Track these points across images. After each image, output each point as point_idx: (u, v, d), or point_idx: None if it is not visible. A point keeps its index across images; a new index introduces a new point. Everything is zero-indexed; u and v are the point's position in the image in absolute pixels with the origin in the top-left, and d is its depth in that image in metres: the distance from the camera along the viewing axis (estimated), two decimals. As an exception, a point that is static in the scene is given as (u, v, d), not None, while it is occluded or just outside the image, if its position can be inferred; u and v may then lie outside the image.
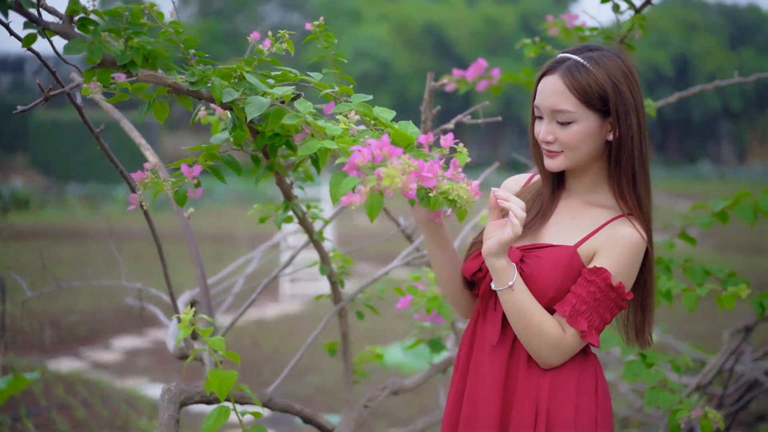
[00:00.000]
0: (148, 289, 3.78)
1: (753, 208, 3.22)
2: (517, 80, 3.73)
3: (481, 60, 3.69)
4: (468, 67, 3.80)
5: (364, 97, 2.20)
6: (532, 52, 3.53)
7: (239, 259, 4.35)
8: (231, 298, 3.90)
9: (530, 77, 3.72)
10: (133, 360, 8.43)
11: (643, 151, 2.29)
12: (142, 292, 4.03)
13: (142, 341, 9.09)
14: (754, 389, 5.09)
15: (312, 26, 2.45)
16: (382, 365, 3.24)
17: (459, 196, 1.95)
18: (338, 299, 3.00)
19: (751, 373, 5.07)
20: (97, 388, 7.17)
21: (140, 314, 3.98)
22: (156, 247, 2.81)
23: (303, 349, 3.13)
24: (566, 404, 2.25)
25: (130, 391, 7.18)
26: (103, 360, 8.39)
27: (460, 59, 39.11)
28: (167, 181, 2.20)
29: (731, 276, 3.25)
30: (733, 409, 4.77)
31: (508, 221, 2.16)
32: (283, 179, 2.63)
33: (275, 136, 2.30)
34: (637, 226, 2.28)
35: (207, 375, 2.70)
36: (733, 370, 4.98)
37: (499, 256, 2.20)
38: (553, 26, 3.57)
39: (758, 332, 6.56)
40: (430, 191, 1.94)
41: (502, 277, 2.21)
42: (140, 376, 7.84)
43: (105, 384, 7.36)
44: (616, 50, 2.30)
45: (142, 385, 7.47)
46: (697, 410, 2.74)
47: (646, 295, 2.39)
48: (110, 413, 6.43)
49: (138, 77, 2.01)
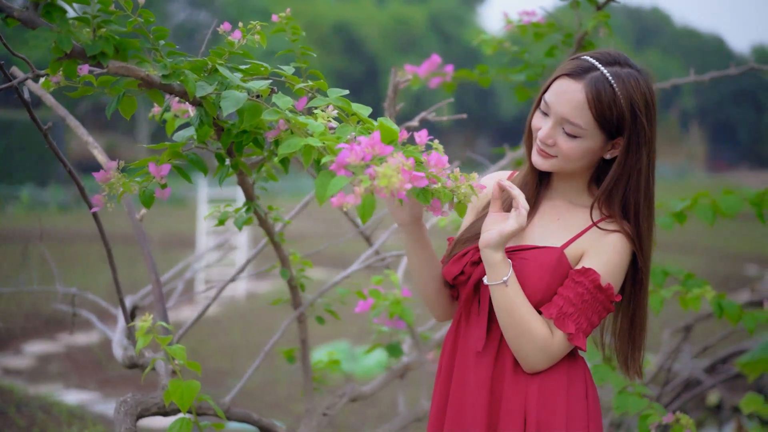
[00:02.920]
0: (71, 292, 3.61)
1: (711, 209, 3.20)
2: (471, 77, 3.65)
3: (434, 56, 3.60)
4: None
5: (340, 92, 2.07)
6: (490, 48, 3.45)
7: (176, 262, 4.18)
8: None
9: (484, 74, 3.65)
10: (46, 365, 8.16)
11: (649, 187, 2.23)
12: (59, 296, 3.84)
13: (54, 346, 8.80)
14: (692, 388, 5.14)
15: (279, 17, 2.33)
16: (342, 372, 3.12)
17: (464, 190, 1.87)
18: (298, 304, 2.88)
19: (689, 372, 5.11)
20: (9, 395, 6.90)
21: (72, 320, 3.78)
22: (105, 250, 2.65)
23: (260, 357, 2.99)
24: (557, 413, 2.18)
25: (44, 397, 6.91)
26: (15, 366, 8.09)
27: (371, 58, 39.21)
28: (134, 181, 2.05)
29: (689, 277, 3.23)
30: (672, 409, 4.78)
31: (512, 213, 2.10)
32: (246, 179, 2.50)
33: (242, 133, 2.17)
34: (625, 227, 2.21)
35: (164, 385, 2.59)
36: (671, 369, 5.02)
37: (497, 249, 2.12)
38: (508, 23, 3.50)
39: (696, 331, 6.62)
40: (428, 186, 1.85)
41: (497, 271, 2.13)
42: (54, 382, 7.58)
43: (18, 390, 7.08)
44: (644, 72, 2.19)
45: (57, 391, 7.21)
46: (668, 416, 2.70)
47: (638, 320, 2.33)
48: (27, 421, 6.17)
49: (109, 69, 1.86)
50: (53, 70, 1.85)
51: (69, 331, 8.92)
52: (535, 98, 2.29)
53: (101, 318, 4.50)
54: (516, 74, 3.59)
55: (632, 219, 2.22)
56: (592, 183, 2.31)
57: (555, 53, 3.51)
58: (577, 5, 3.33)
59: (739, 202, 3.17)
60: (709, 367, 5.23)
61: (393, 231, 3.29)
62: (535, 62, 3.63)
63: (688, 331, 4.84)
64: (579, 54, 2.22)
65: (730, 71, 3.57)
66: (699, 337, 7.19)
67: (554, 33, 3.43)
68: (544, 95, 2.20)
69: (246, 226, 2.63)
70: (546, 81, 2.24)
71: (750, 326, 3.18)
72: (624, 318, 2.34)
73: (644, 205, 2.22)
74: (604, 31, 3.23)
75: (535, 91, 3.70)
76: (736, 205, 3.16)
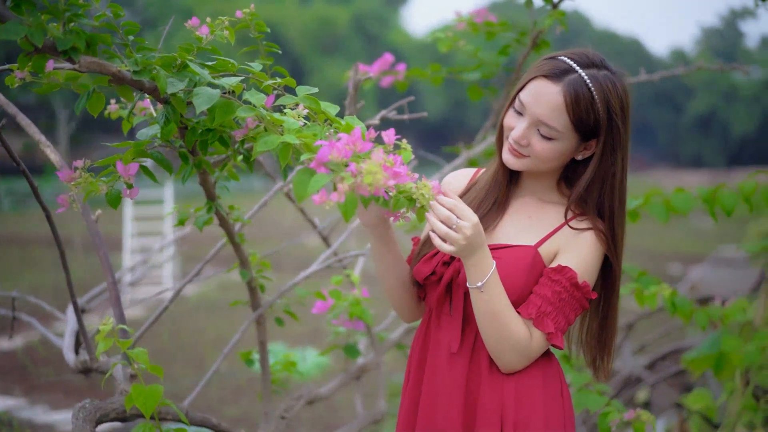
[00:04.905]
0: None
1: (665, 207, 3.23)
2: (424, 76, 3.64)
3: (387, 55, 3.57)
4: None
5: (308, 90, 2.03)
6: (445, 46, 3.44)
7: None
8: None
9: (437, 73, 3.64)
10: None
11: (623, 191, 2.23)
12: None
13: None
14: (632, 384, 5.20)
15: (243, 13, 2.29)
16: (298, 374, 3.08)
17: (422, 195, 1.83)
18: (257, 305, 2.83)
19: (629, 369, 5.17)
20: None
21: (11, 324, 3.67)
22: (59, 252, 2.58)
23: (219, 360, 2.93)
24: (534, 412, 2.16)
25: (-33, 404, 6.76)
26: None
27: (295, 59, 39.05)
28: (101, 180, 1.99)
29: (642, 275, 3.26)
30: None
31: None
32: (208, 178, 2.45)
33: (208, 131, 2.12)
34: (598, 224, 2.20)
35: (123, 390, 2.52)
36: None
37: (472, 253, 2.02)
38: (460, 21, 3.49)
39: (637, 329, 6.70)
40: (389, 191, 1.82)
41: (478, 274, 2.06)
42: (-23, 388, 7.39)
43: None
44: (619, 74, 2.19)
45: (-20, 398, 7.04)
46: (629, 413, 2.71)
47: (609, 322, 2.33)
48: (-48, 428, 6.02)
49: (80, 65, 1.79)
50: (22, 65, 1.78)
51: (8, 336, 8.69)
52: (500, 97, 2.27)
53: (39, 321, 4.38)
54: (470, 73, 3.58)
55: (607, 223, 2.22)
56: (562, 181, 2.30)
57: (508, 51, 3.51)
58: (528, 4, 3.32)
59: (691, 200, 3.20)
60: (649, 365, 5.30)
61: (350, 232, 3.26)
62: (465, 62, 3.64)
63: (630, 329, 4.90)
64: (555, 54, 2.20)
65: (676, 70, 3.62)
66: (636, 336, 7.29)
67: (508, 32, 3.42)
68: (519, 94, 2.18)
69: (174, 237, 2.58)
70: (521, 80, 2.21)
71: (702, 323, 3.22)
72: (593, 319, 2.33)
73: (618, 209, 2.22)
74: (560, 29, 3.24)
75: (489, 90, 3.70)
76: (689, 202, 3.19)
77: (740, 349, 3.48)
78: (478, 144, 3.64)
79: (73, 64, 1.80)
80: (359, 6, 42.82)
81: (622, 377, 5.15)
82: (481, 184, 2.34)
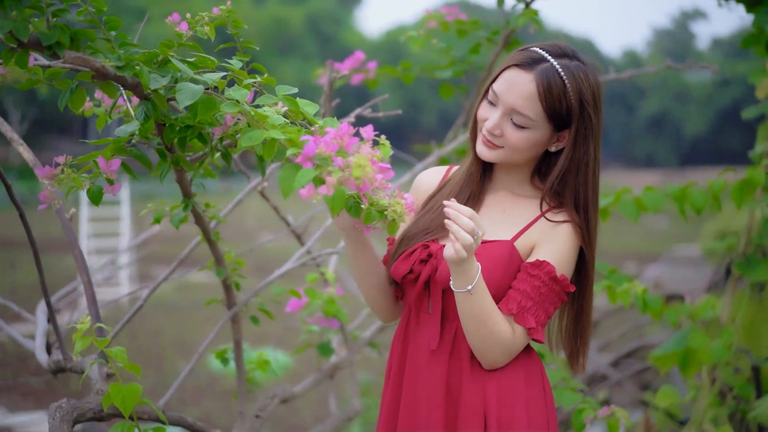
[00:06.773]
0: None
1: (635, 205, 3.26)
2: (395, 74, 3.64)
3: (358, 52, 3.56)
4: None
5: (288, 89, 2.03)
6: (417, 45, 3.44)
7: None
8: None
9: (408, 71, 3.64)
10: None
11: (596, 181, 2.25)
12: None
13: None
14: (598, 381, 5.24)
15: (219, 10, 2.28)
16: (273, 373, 3.06)
17: (394, 211, 1.83)
18: (232, 304, 2.81)
19: (594, 367, 5.21)
20: None
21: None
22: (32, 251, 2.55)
23: (194, 359, 2.91)
24: (517, 408, 2.16)
25: None
26: None
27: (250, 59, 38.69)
28: (83, 177, 1.97)
29: (612, 272, 3.28)
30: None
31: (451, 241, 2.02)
32: (185, 175, 2.43)
33: (187, 128, 2.10)
34: (574, 217, 2.22)
35: (99, 389, 2.49)
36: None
37: (460, 263, 2.03)
38: (431, 18, 3.49)
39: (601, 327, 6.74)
40: (361, 202, 1.81)
41: (464, 278, 2.06)
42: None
43: None
44: (591, 65, 2.22)
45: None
46: (604, 410, 2.73)
47: (584, 314, 2.34)
48: None
49: (64, 60, 1.77)
50: (6, 60, 1.76)
51: None
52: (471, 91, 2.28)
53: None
54: (442, 71, 3.59)
55: (582, 213, 2.23)
56: (535, 174, 2.31)
57: (480, 50, 3.52)
58: (500, 2, 3.34)
59: (661, 198, 3.24)
60: (613, 362, 5.34)
61: (325, 229, 3.24)
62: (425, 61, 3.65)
63: (595, 326, 4.93)
64: (528, 45, 2.22)
65: (646, 69, 3.65)
66: (598, 334, 7.35)
67: (478, 30, 3.43)
68: (492, 85, 2.19)
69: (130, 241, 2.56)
70: (494, 72, 2.24)
71: (673, 320, 3.25)
72: (570, 312, 2.35)
73: (592, 199, 2.24)
74: (534, 27, 3.25)
75: (460, 89, 3.71)
76: (659, 200, 3.23)
77: (707, 345, 3.52)
78: (450, 142, 3.64)
79: (57, 60, 1.77)
80: (313, 6, 42.74)
81: (587, 375, 5.19)
82: (455, 180, 2.35)
